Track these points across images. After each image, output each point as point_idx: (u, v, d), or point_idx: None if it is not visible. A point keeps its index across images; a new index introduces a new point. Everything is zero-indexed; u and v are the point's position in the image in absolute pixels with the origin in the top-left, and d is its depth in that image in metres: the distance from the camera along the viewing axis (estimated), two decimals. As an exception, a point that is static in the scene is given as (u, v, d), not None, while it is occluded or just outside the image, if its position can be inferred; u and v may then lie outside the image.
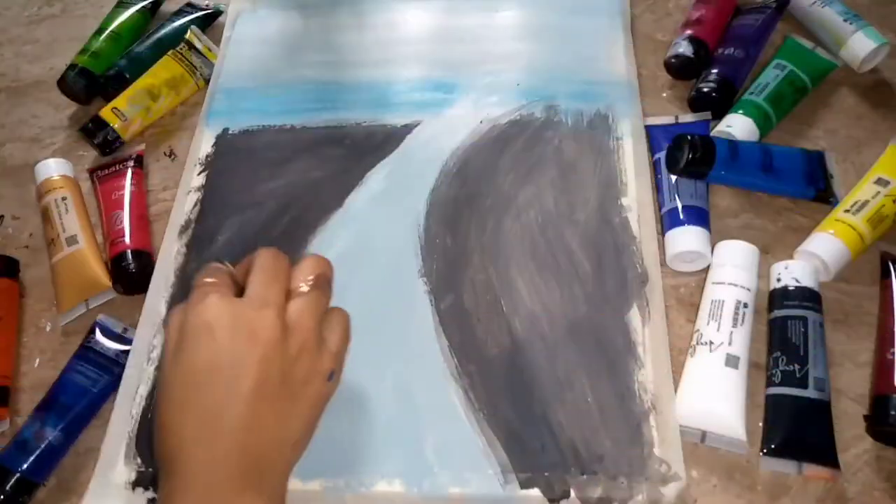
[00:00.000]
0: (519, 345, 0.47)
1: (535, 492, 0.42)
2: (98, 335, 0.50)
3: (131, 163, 0.59)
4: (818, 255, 0.47)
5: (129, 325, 0.51)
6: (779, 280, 0.47)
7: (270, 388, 0.33)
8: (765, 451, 0.42)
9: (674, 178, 0.52)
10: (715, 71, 0.57)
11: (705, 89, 0.56)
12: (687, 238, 0.49)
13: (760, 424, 0.43)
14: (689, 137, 0.51)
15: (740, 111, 0.54)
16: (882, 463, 0.42)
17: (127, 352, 0.49)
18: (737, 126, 0.54)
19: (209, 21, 0.70)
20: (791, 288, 0.46)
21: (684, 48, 0.58)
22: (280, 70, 0.64)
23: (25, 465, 0.44)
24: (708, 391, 0.43)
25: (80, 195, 0.58)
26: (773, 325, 0.46)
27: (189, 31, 0.66)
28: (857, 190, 0.50)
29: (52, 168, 0.58)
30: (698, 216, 0.50)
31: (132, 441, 0.45)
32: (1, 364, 0.50)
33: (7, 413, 0.49)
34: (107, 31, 0.67)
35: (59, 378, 0.48)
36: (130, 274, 0.52)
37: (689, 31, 0.59)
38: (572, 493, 0.41)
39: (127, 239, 0.54)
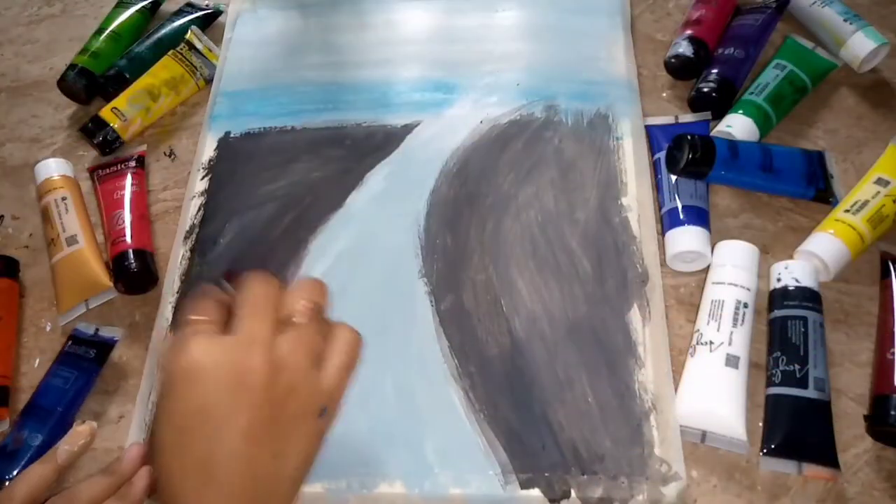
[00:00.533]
0: (519, 345, 0.47)
1: (536, 492, 0.42)
2: (73, 342, 0.51)
3: (133, 163, 0.59)
4: (818, 255, 0.47)
5: (100, 325, 0.51)
6: (779, 280, 0.47)
7: (262, 431, 0.33)
8: (765, 451, 0.42)
9: (674, 178, 0.52)
10: (715, 71, 0.57)
11: (705, 89, 0.56)
12: (687, 238, 0.49)
13: (760, 424, 0.43)
14: (689, 137, 0.51)
15: (740, 111, 0.54)
16: (882, 463, 0.42)
17: (97, 347, 0.50)
18: (737, 126, 0.54)
19: (209, 21, 0.70)
20: (791, 288, 0.46)
21: (684, 48, 0.58)
22: (280, 71, 0.64)
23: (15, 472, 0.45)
24: (708, 391, 0.43)
25: (80, 195, 0.58)
26: (773, 325, 0.46)
27: (189, 32, 0.66)
28: (857, 190, 0.50)
29: (52, 168, 0.58)
30: (698, 216, 0.50)
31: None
32: (1, 364, 0.50)
33: (7, 413, 0.49)
34: (107, 31, 0.67)
35: (39, 385, 0.49)
36: (132, 273, 0.52)
37: (689, 31, 0.59)
38: (573, 494, 0.41)
39: (128, 238, 0.54)
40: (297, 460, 0.34)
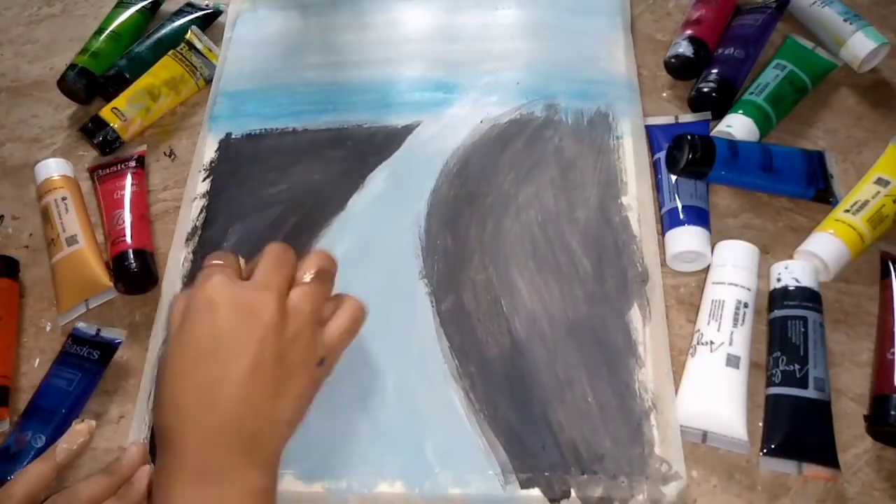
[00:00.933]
0: (519, 345, 0.47)
1: (536, 492, 0.42)
2: (72, 341, 0.51)
3: (133, 163, 0.59)
4: (818, 255, 0.47)
5: (101, 326, 0.51)
6: (779, 280, 0.47)
7: (265, 367, 0.35)
8: (765, 451, 0.42)
9: (674, 178, 0.52)
10: (715, 71, 0.57)
11: (705, 89, 0.56)
12: (687, 238, 0.49)
13: (760, 424, 0.43)
14: (689, 137, 0.51)
15: (740, 111, 0.54)
16: (882, 463, 0.42)
17: (100, 349, 0.50)
18: (737, 126, 0.54)
19: (209, 21, 0.70)
20: (791, 288, 0.46)
21: (684, 48, 0.58)
22: (281, 71, 0.64)
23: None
24: (709, 391, 0.43)
25: (80, 195, 0.58)
26: (773, 325, 0.46)
27: (189, 32, 0.66)
28: (857, 190, 0.50)
29: (52, 168, 0.58)
30: (698, 216, 0.50)
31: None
32: (1, 364, 0.50)
33: (7, 413, 0.49)
34: (107, 31, 0.67)
35: (40, 386, 0.49)
36: (132, 273, 0.52)
37: (689, 31, 0.59)
38: (573, 493, 0.41)
39: (128, 238, 0.54)
40: (293, 404, 0.37)
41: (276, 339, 0.36)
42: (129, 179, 0.57)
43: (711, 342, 0.44)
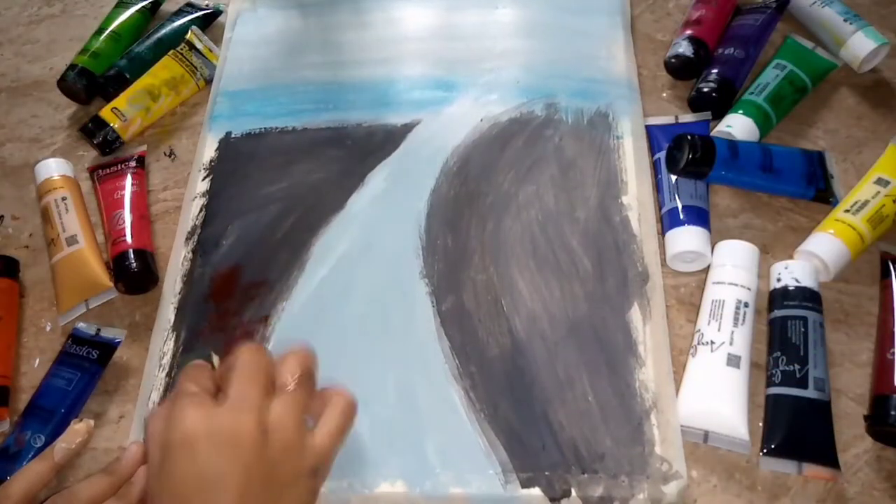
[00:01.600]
0: (519, 344, 0.47)
1: (537, 491, 0.42)
2: (72, 341, 0.51)
3: (133, 163, 0.59)
4: (818, 255, 0.47)
5: (101, 326, 0.51)
6: (779, 280, 0.47)
7: (255, 494, 0.33)
8: (765, 450, 0.42)
9: (674, 178, 0.52)
10: (715, 71, 0.57)
11: (705, 89, 0.56)
12: (687, 238, 0.49)
13: (760, 424, 0.43)
14: (689, 137, 0.51)
15: (740, 111, 0.54)
16: (882, 463, 0.42)
17: (100, 348, 0.50)
18: (737, 126, 0.54)
19: (209, 21, 0.70)
20: (791, 288, 0.46)
21: (684, 48, 0.58)
22: (280, 71, 0.64)
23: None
24: (710, 391, 0.43)
25: (80, 195, 0.58)
26: (773, 325, 0.46)
27: (190, 32, 0.66)
28: (857, 190, 0.50)
29: (52, 168, 0.58)
30: (698, 216, 0.50)
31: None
32: (1, 364, 0.50)
33: (7, 413, 0.49)
34: (107, 31, 0.67)
35: (40, 386, 0.49)
36: (132, 273, 0.52)
37: (689, 31, 0.59)
38: (573, 493, 0.41)
39: (128, 238, 0.54)
40: None
41: (261, 462, 0.33)
42: (129, 179, 0.57)
43: (712, 342, 0.44)
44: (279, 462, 0.34)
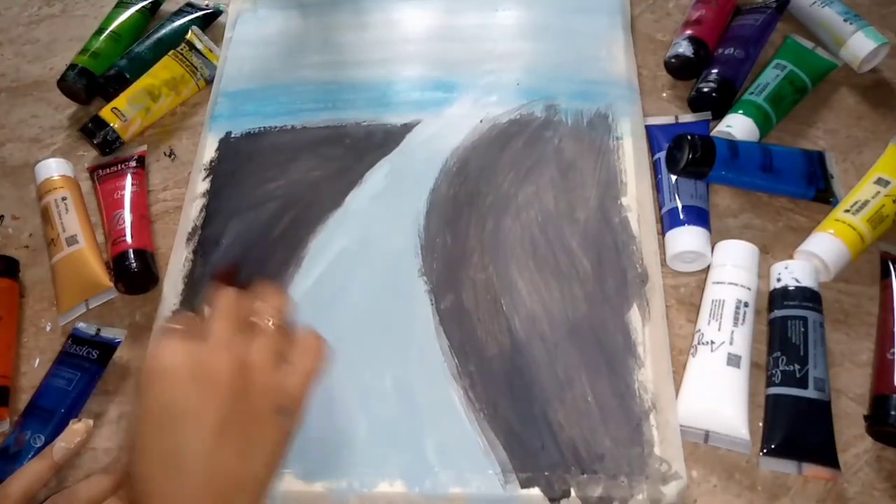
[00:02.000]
0: (519, 344, 0.47)
1: (536, 491, 0.42)
2: (72, 341, 0.51)
3: (133, 163, 0.59)
4: (818, 255, 0.47)
5: (101, 326, 0.51)
6: (779, 280, 0.47)
7: (228, 429, 0.34)
8: (765, 451, 0.42)
9: (674, 178, 0.52)
10: (715, 71, 0.57)
11: (705, 89, 0.56)
12: (687, 238, 0.49)
13: (760, 424, 0.43)
14: (689, 137, 0.51)
15: (740, 111, 0.54)
16: (882, 463, 0.42)
17: (100, 348, 0.50)
18: (737, 126, 0.54)
19: (209, 21, 0.70)
20: (791, 288, 0.46)
21: (684, 48, 0.58)
22: (281, 71, 0.64)
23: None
24: (710, 391, 0.43)
25: (80, 195, 0.58)
26: (773, 325, 0.46)
27: (190, 32, 0.66)
28: (857, 190, 0.50)
29: (52, 168, 0.58)
30: (698, 216, 0.50)
31: None
32: (1, 364, 0.50)
33: (7, 413, 0.49)
34: (107, 31, 0.67)
35: (40, 386, 0.49)
36: (132, 273, 0.52)
37: (689, 31, 0.59)
38: (572, 493, 0.41)
39: (129, 238, 0.54)
40: (261, 460, 0.36)
41: (236, 398, 0.34)
42: (129, 179, 0.57)
43: (712, 342, 0.44)
44: (253, 399, 0.35)
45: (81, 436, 0.43)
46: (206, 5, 0.71)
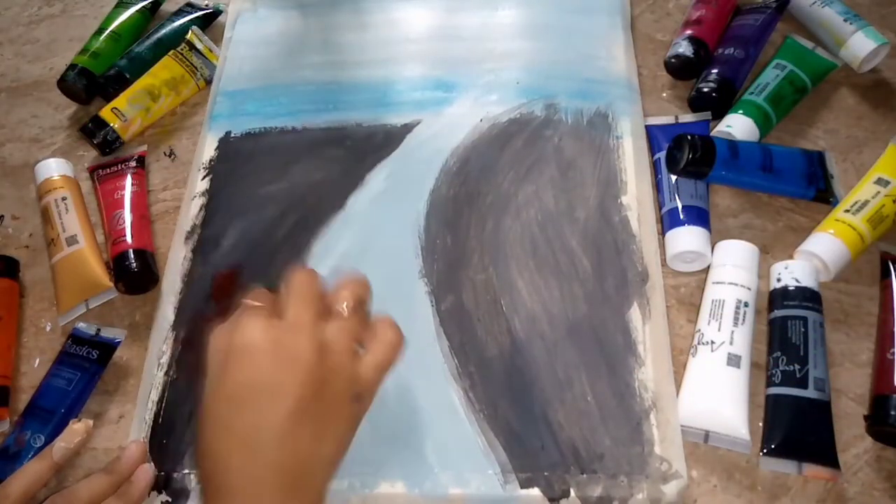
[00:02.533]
0: (519, 344, 0.47)
1: (536, 491, 0.42)
2: (72, 341, 0.50)
3: (133, 163, 0.59)
4: (818, 255, 0.47)
5: (101, 326, 0.51)
6: (779, 280, 0.47)
7: (305, 410, 0.35)
8: (765, 451, 0.42)
9: (674, 177, 0.52)
10: (715, 71, 0.57)
11: (705, 89, 0.56)
12: (687, 238, 0.49)
13: (760, 424, 0.43)
14: (689, 137, 0.51)
15: (740, 111, 0.54)
16: (882, 463, 0.42)
17: (100, 348, 0.50)
18: (737, 126, 0.54)
19: (209, 21, 0.70)
20: (791, 288, 0.46)
21: (684, 48, 0.58)
22: (280, 71, 0.64)
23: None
24: (710, 391, 0.43)
25: (81, 195, 0.58)
26: (773, 325, 0.46)
27: (190, 32, 0.66)
28: (857, 190, 0.50)
29: (52, 168, 0.58)
30: (698, 216, 0.50)
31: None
32: (1, 364, 0.50)
33: (7, 413, 0.49)
34: (107, 31, 0.67)
35: (40, 386, 0.49)
36: (132, 273, 0.52)
37: (689, 31, 0.59)
38: (572, 493, 0.41)
39: (129, 238, 0.54)
40: (333, 443, 0.36)
41: (313, 380, 0.35)
42: (129, 179, 0.57)
43: (712, 342, 0.44)
44: (330, 382, 0.35)
45: (81, 436, 0.43)
46: (206, 5, 0.71)
